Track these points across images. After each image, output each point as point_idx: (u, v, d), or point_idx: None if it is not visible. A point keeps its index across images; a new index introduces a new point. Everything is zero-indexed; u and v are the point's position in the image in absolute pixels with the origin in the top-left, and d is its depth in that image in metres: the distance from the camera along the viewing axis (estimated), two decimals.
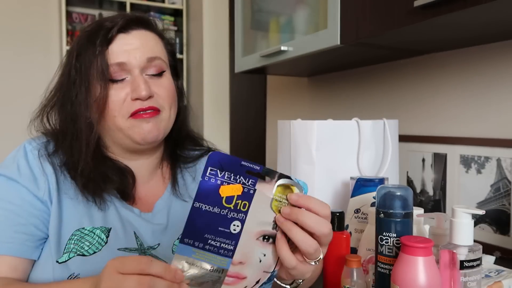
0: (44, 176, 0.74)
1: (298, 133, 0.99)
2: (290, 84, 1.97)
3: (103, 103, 0.74)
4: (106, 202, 0.76)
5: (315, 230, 0.54)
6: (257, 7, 1.52)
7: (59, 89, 0.79)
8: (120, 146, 0.80)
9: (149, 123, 0.76)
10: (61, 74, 0.79)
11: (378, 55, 1.28)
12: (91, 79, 0.73)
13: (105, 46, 0.74)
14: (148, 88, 0.74)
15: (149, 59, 0.76)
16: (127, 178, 0.80)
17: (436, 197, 1.22)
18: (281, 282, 0.64)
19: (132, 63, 0.75)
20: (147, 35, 0.78)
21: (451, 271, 0.60)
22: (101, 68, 0.73)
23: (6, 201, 0.71)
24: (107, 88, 0.74)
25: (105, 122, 0.76)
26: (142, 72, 0.76)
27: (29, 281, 0.73)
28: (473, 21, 0.88)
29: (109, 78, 0.74)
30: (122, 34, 0.76)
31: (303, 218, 0.54)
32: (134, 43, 0.76)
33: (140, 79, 0.75)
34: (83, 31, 0.77)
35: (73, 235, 0.73)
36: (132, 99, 0.74)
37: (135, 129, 0.75)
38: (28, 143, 0.77)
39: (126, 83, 0.75)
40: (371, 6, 0.97)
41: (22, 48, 2.97)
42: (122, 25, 0.75)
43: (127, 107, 0.74)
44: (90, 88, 0.74)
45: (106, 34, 0.74)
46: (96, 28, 0.76)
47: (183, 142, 0.89)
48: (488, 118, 1.11)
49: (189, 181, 0.88)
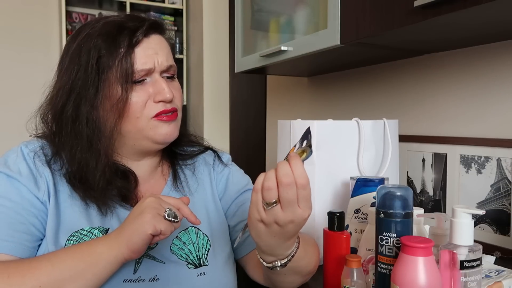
0: (42, 178, 0.74)
1: (298, 133, 0.99)
2: (290, 84, 1.97)
3: (124, 105, 0.74)
4: (111, 209, 0.77)
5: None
6: (257, 7, 1.51)
7: (71, 91, 0.74)
8: (132, 147, 0.80)
9: (170, 125, 0.78)
10: (69, 75, 0.75)
11: (378, 55, 1.28)
12: (112, 80, 0.73)
13: (131, 49, 0.74)
14: (171, 91, 0.77)
15: (169, 66, 0.79)
16: (129, 181, 0.80)
17: (436, 197, 1.22)
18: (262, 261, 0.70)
19: (156, 68, 0.77)
20: (162, 41, 0.80)
21: (451, 271, 0.60)
22: (126, 71, 0.73)
23: (6, 198, 0.71)
24: (128, 90, 0.74)
25: (125, 124, 0.76)
26: (161, 74, 0.78)
27: None
28: (473, 21, 0.88)
29: (132, 80, 0.74)
30: (145, 38, 0.77)
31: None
32: (155, 48, 0.77)
33: (163, 82, 0.77)
34: (98, 31, 0.74)
35: (71, 236, 0.73)
36: (156, 101, 0.76)
37: (157, 130, 0.77)
38: (24, 146, 0.78)
39: (146, 84, 0.76)
40: (371, 6, 0.97)
41: (22, 47, 2.97)
42: (146, 29, 0.76)
43: (150, 108, 0.76)
44: (110, 90, 0.73)
45: (131, 36, 0.74)
46: (118, 30, 0.74)
47: (180, 140, 0.89)
48: (488, 118, 1.11)
49: (189, 175, 0.89)
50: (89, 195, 0.74)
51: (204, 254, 0.80)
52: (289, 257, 0.69)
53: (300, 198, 0.59)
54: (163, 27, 0.81)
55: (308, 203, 0.60)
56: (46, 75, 0.81)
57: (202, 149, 0.93)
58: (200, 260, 0.79)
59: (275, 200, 0.59)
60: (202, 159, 0.93)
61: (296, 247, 0.69)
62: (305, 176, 0.58)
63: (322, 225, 0.94)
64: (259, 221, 0.62)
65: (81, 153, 0.74)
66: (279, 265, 0.69)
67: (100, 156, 0.74)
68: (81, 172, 0.74)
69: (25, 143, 0.79)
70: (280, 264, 0.69)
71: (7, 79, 2.94)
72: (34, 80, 2.88)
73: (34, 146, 0.78)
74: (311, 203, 0.61)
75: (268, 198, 0.59)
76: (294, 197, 0.58)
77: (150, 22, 0.78)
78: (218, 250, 0.83)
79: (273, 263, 0.69)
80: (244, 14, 1.57)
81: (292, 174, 0.58)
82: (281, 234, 0.63)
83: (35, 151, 0.77)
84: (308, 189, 0.59)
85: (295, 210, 0.59)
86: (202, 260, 0.80)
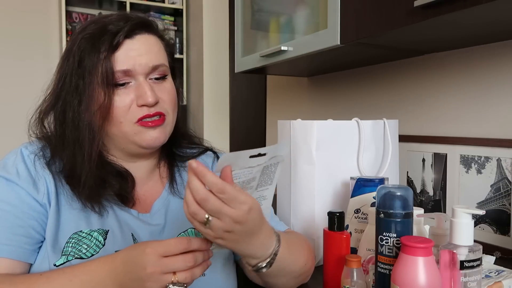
0: (42, 180, 0.74)
1: (298, 133, 0.99)
2: (290, 84, 1.97)
3: (107, 109, 0.72)
4: (105, 208, 0.76)
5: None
6: (257, 7, 1.51)
7: (59, 94, 0.76)
8: (122, 150, 0.79)
9: (155, 130, 0.76)
10: (59, 78, 0.76)
11: (378, 55, 1.28)
12: (95, 85, 0.72)
13: (111, 52, 0.72)
14: (154, 95, 0.74)
15: (154, 67, 0.76)
16: (126, 182, 0.79)
17: (436, 197, 1.22)
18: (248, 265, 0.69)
19: (137, 70, 0.74)
20: (150, 40, 0.77)
21: (451, 271, 0.60)
22: (106, 75, 0.72)
23: (4, 202, 0.71)
24: (111, 94, 0.73)
25: (110, 127, 0.75)
26: (146, 77, 0.76)
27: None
28: (473, 21, 0.88)
29: (113, 83, 0.73)
30: (127, 40, 0.74)
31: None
32: (139, 49, 0.75)
33: (146, 85, 0.74)
34: (83, 34, 0.75)
35: (70, 238, 0.72)
36: (139, 105, 0.74)
37: (141, 135, 0.75)
38: (24, 148, 0.77)
39: (130, 88, 0.74)
40: (371, 6, 0.97)
41: (22, 48, 2.97)
42: (128, 30, 0.74)
43: (133, 113, 0.74)
44: (94, 94, 0.72)
45: (112, 39, 0.72)
46: (99, 32, 0.74)
47: (179, 141, 0.89)
48: (488, 118, 1.11)
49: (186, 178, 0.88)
50: (83, 195, 0.74)
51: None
52: (272, 256, 0.67)
53: (226, 201, 0.56)
54: (151, 26, 0.79)
55: (237, 199, 0.57)
56: (45, 75, 0.81)
57: (201, 150, 0.93)
58: None
59: (207, 217, 0.57)
60: (201, 161, 0.92)
61: (277, 246, 0.67)
62: (216, 181, 0.55)
63: (322, 225, 0.94)
64: (213, 237, 0.60)
65: (70, 154, 0.74)
66: (264, 266, 0.67)
67: (87, 157, 0.73)
68: (73, 172, 0.74)
69: (25, 145, 0.78)
70: (265, 265, 0.67)
71: (7, 79, 2.94)
72: (34, 80, 2.89)
73: (35, 147, 0.77)
74: (243, 194, 0.58)
75: (201, 219, 0.57)
76: (219, 206, 0.56)
77: (133, 22, 0.75)
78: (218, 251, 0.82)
79: (257, 265, 0.67)
80: (244, 14, 1.57)
81: (202, 188, 0.56)
82: (241, 235, 0.60)
83: (36, 153, 0.76)
84: (227, 190, 0.56)
85: (229, 213, 0.57)
86: None
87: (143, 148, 0.77)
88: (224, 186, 0.56)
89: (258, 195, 0.68)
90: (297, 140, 0.99)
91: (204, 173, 0.56)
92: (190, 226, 0.80)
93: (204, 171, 0.56)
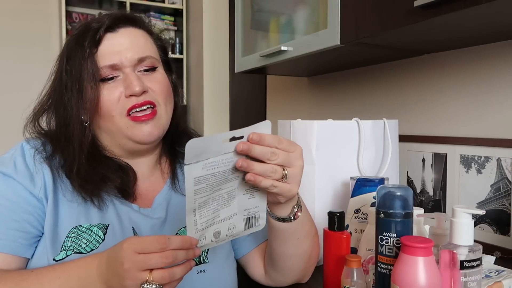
0: (40, 174, 0.74)
1: (298, 133, 0.99)
2: (290, 84, 1.97)
3: (96, 104, 0.74)
4: (105, 202, 0.76)
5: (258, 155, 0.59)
6: (257, 7, 1.51)
7: (52, 93, 0.79)
8: (121, 147, 0.80)
9: (147, 124, 0.76)
10: (53, 79, 0.79)
11: (378, 55, 1.28)
12: (82, 81, 0.74)
13: (94, 48, 0.74)
14: (141, 84, 0.75)
15: (140, 59, 0.77)
16: (128, 176, 0.80)
17: (436, 197, 1.22)
18: (278, 215, 0.70)
19: (124, 63, 0.75)
20: (135, 33, 0.79)
21: (451, 271, 0.60)
22: (91, 70, 0.73)
23: (0, 196, 0.72)
24: (98, 89, 0.74)
25: (104, 123, 0.76)
26: (134, 69, 0.77)
27: None
28: (473, 21, 0.88)
29: (99, 78, 0.74)
30: (110, 34, 0.76)
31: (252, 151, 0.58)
32: (124, 43, 0.76)
33: (132, 76, 0.75)
34: (72, 34, 0.78)
35: (70, 233, 0.73)
36: (127, 96, 0.75)
37: (134, 130, 0.76)
38: (25, 142, 0.78)
39: (119, 81, 0.76)
40: (371, 6, 0.97)
41: (22, 48, 2.97)
42: (109, 24, 0.76)
43: (122, 104, 0.75)
44: (82, 91, 0.74)
45: (94, 35, 0.74)
46: (83, 30, 0.76)
47: (180, 138, 0.89)
48: (488, 118, 1.11)
49: None
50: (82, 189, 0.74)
51: (204, 252, 0.80)
52: (300, 202, 0.71)
53: (287, 149, 0.61)
54: (134, 19, 0.80)
55: (291, 142, 0.63)
56: (45, 75, 0.81)
57: None
58: (200, 257, 0.79)
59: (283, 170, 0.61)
60: None
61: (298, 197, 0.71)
62: (273, 136, 0.60)
63: (322, 225, 0.94)
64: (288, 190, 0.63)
65: (65, 149, 0.75)
66: (296, 210, 0.70)
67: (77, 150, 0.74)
68: (71, 167, 0.75)
69: (27, 140, 0.79)
70: (297, 209, 0.70)
71: (7, 79, 2.94)
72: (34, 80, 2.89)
73: (36, 142, 0.78)
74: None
75: (279, 175, 0.61)
76: (285, 154, 0.61)
77: (114, 16, 0.77)
78: (218, 247, 0.82)
79: (293, 209, 0.70)
80: (244, 14, 1.57)
81: (267, 148, 0.59)
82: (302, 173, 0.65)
83: (37, 148, 0.77)
84: (282, 140, 0.61)
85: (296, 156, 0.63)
86: (202, 258, 0.80)
87: (138, 143, 0.77)
88: (278, 137, 0.61)
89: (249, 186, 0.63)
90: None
91: (261, 136, 0.59)
92: None
93: (261, 135, 0.59)
